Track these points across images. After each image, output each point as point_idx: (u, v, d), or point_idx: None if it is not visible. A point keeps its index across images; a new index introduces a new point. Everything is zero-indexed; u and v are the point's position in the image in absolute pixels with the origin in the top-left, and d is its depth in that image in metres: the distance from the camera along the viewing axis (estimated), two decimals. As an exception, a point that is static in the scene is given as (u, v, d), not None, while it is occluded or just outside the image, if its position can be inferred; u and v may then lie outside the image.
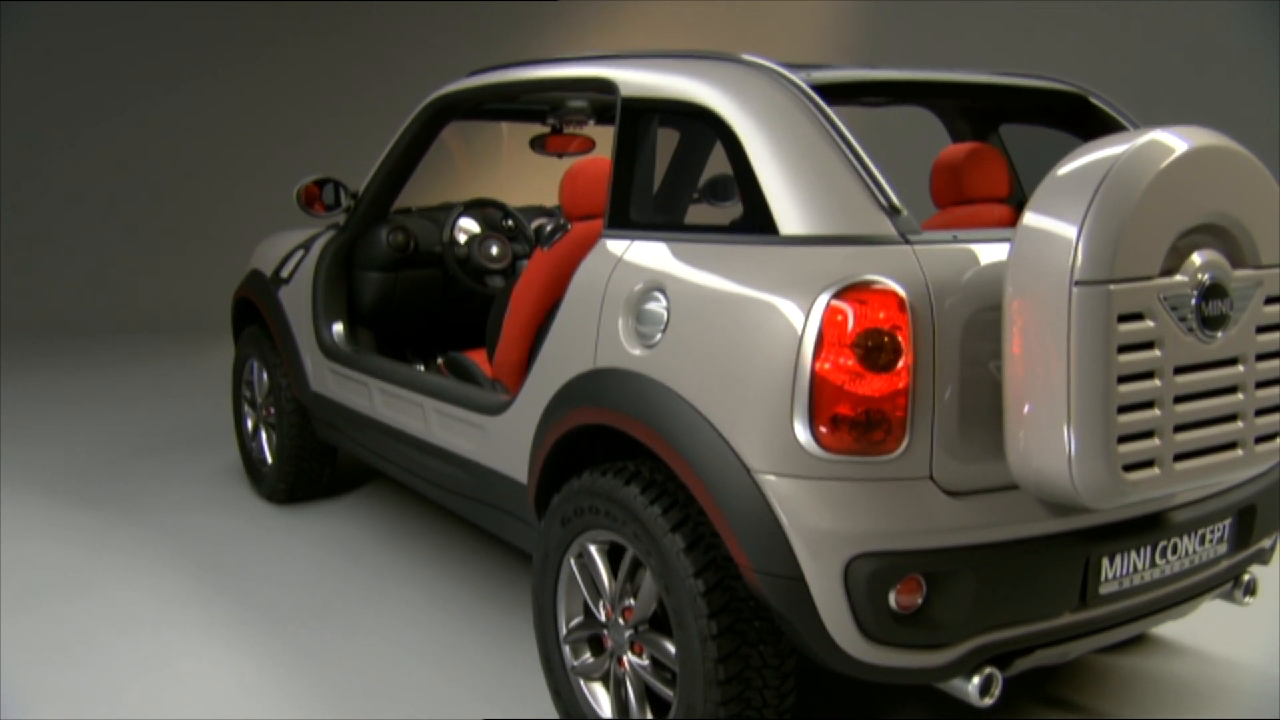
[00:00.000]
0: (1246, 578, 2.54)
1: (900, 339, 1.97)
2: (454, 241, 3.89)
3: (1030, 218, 1.96)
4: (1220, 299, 1.95)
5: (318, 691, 2.86)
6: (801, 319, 2.01)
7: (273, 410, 4.32)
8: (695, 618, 2.13)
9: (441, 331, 4.24)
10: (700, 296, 2.22)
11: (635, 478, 2.29)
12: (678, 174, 2.62)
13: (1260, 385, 2.05)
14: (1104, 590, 2.16)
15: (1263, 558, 2.59)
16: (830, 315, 1.99)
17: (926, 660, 2.04)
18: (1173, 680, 2.90)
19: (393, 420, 3.49)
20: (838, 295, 1.99)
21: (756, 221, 2.21)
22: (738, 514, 2.04)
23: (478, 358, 3.57)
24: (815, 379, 1.98)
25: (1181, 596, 2.36)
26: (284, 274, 4.14)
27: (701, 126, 2.43)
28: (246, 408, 4.57)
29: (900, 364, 1.97)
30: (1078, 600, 2.14)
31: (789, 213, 2.16)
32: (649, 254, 2.40)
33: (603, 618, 2.43)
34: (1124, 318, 1.85)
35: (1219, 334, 1.96)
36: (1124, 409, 1.86)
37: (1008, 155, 3.29)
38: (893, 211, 2.12)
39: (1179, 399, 1.93)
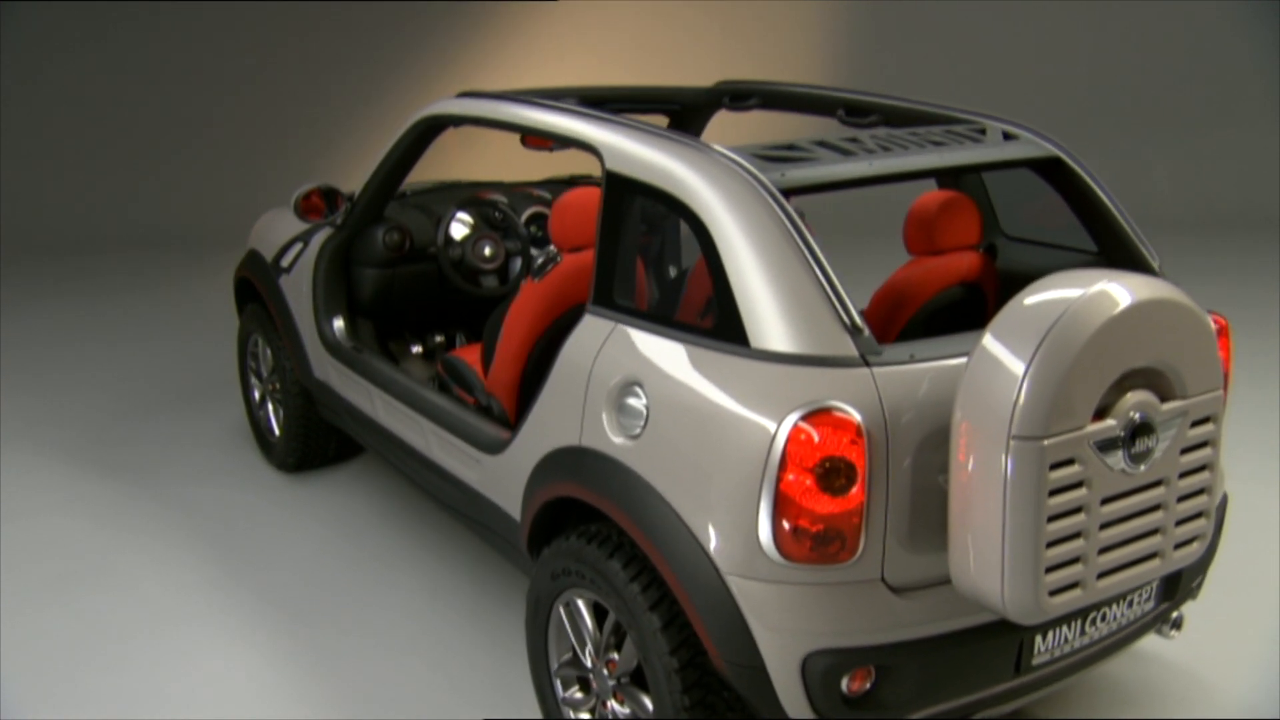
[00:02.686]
0: (1175, 615, 2.80)
1: (856, 465, 2.17)
2: (448, 243, 4.02)
3: (989, 341, 2.13)
4: (1148, 435, 2.14)
5: (322, 693, 3.16)
6: (769, 439, 2.20)
7: (278, 386, 4.53)
8: (670, 690, 2.39)
9: (441, 316, 4.41)
10: (677, 401, 2.40)
11: (618, 551, 2.52)
12: (659, 256, 2.75)
13: (1182, 499, 2.26)
14: (1037, 661, 2.43)
15: (1192, 594, 2.85)
16: (795, 436, 2.18)
17: (875, 734, 2.32)
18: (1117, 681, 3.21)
19: (393, 428, 3.70)
20: (804, 418, 2.18)
21: (729, 327, 2.38)
22: (707, 609, 2.29)
23: (474, 353, 3.76)
24: (779, 495, 2.19)
25: (1112, 649, 2.63)
26: (284, 264, 4.28)
27: (678, 219, 2.56)
28: (253, 379, 4.78)
29: (855, 487, 2.18)
30: (1012, 672, 2.41)
31: (760, 328, 2.32)
32: (631, 345, 2.57)
33: (589, 664, 2.70)
34: (1056, 465, 2.04)
35: (1144, 465, 2.16)
36: (1052, 543, 2.08)
37: (986, 192, 3.41)
38: (854, 331, 2.28)
39: (1105, 525, 2.15)
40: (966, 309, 3.15)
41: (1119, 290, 2.10)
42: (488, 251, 4.04)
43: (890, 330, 3.05)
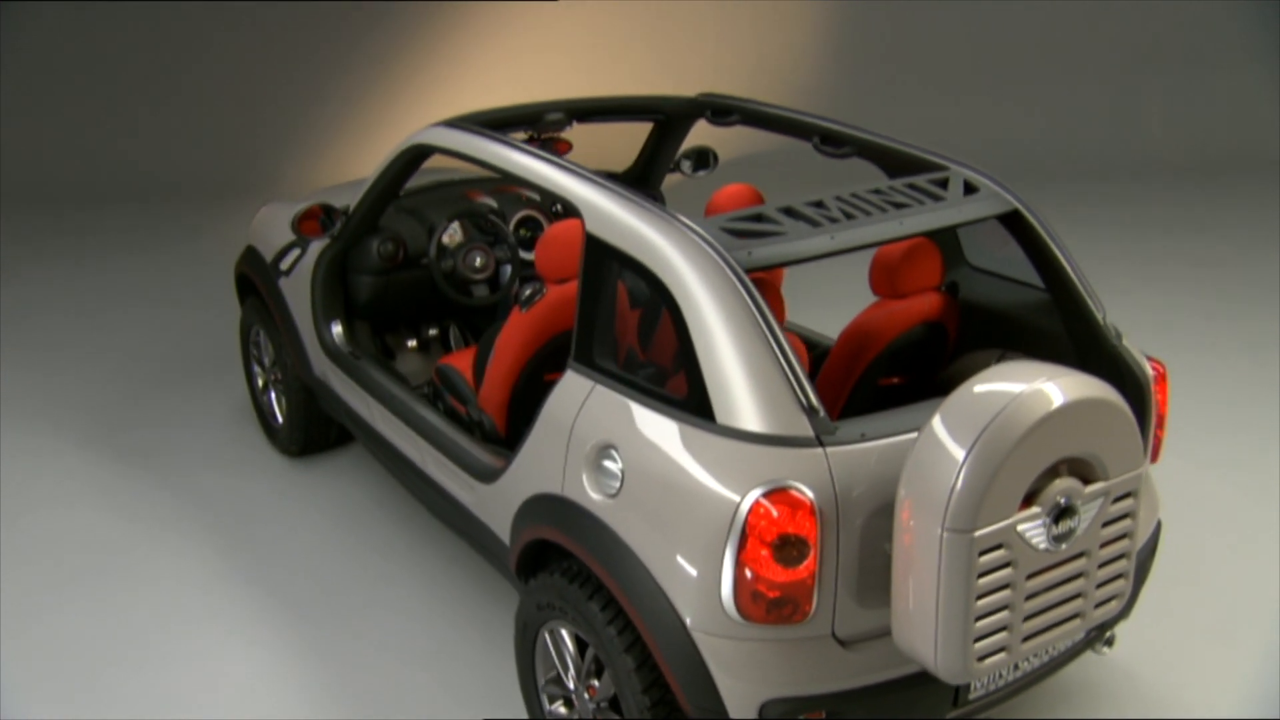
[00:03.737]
0: (1108, 634, 3.08)
1: (809, 540, 2.41)
2: (440, 255, 4.20)
3: (937, 424, 2.35)
4: (1070, 517, 2.37)
5: (324, 692, 3.45)
6: (732, 512, 2.44)
7: (280, 376, 4.75)
8: (643, 724, 2.68)
9: (436, 312, 4.61)
10: (649, 470, 2.63)
11: (597, 593, 2.78)
12: (636, 319, 2.92)
13: (1103, 565, 2.50)
14: (974, 696, 2.71)
15: (1124, 616, 3.12)
16: (755, 510, 2.42)
17: (825, 763, 2.61)
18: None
19: (390, 438, 3.93)
20: (765, 495, 2.41)
21: (697, 401, 2.59)
22: (675, 660, 2.55)
23: (466, 359, 3.97)
24: (739, 565, 2.44)
25: (1048, 673, 2.91)
26: (283, 267, 4.45)
27: (651, 290, 2.74)
28: (255, 366, 4.99)
29: (808, 559, 2.42)
30: (950, 707, 2.69)
31: (726, 406, 2.53)
32: (608, 408, 2.79)
33: (571, 686, 2.99)
34: (985, 551, 2.28)
35: (1066, 543, 2.39)
36: (980, 616, 2.33)
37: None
38: (811, 411, 2.50)
39: (1029, 596, 2.39)
40: (928, 346, 3.37)
41: (1053, 390, 2.30)
42: (478, 262, 4.22)
43: (856, 367, 3.26)
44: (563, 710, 3.07)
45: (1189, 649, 3.64)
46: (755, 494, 2.42)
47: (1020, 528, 2.32)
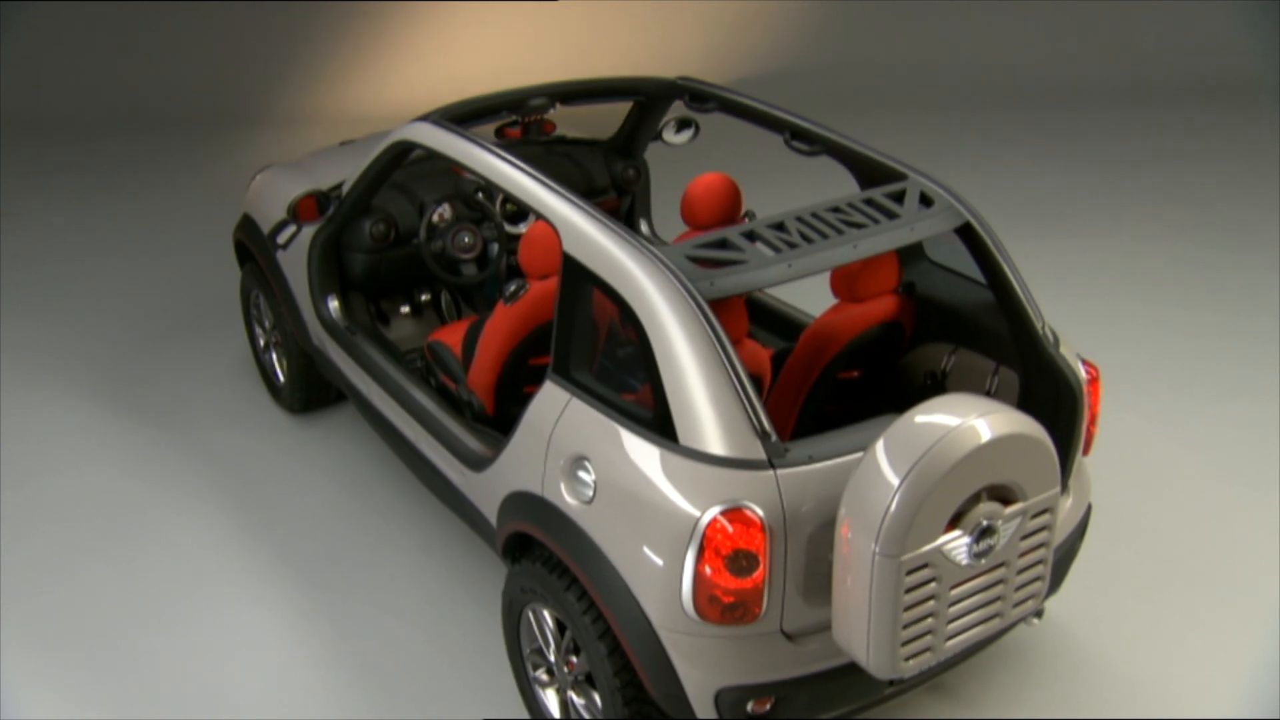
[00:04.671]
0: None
1: (759, 554, 2.71)
2: (430, 236, 4.41)
3: (878, 449, 2.62)
4: (991, 535, 2.66)
5: (328, 654, 3.81)
6: (692, 527, 2.73)
7: (280, 339, 5.00)
8: (613, 701, 3.02)
9: (428, 281, 4.84)
10: (619, 484, 2.91)
11: (573, 585, 3.09)
12: (608, 337, 3.15)
13: (1021, 571, 2.81)
14: (908, 674, 3.04)
15: (1053, 590, 3.45)
16: (712, 526, 2.71)
17: (774, 736, 2.97)
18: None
19: (385, 412, 4.21)
20: (722, 513, 2.71)
21: (662, 421, 2.86)
22: (642, 651, 2.88)
23: (456, 334, 4.23)
24: (697, 575, 2.74)
25: (981, 648, 3.25)
26: (280, 241, 4.66)
27: (621, 314, 2.98)
28: (257, 327, 5.24)
29: (758, 570, 2.73)
30: (886, 686, 3.03)
31: (688, 429, 2.81)
32: (582, 421, 3.06)
33: (552, 659, 3.33)
34: (911, 570, 2.58)
35: (987, 559, 2.69)
36: (907, 624, 2.64)
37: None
38: (764, 436, 2.77)
39: (953, 603, 2.70)
40: (886, 343, 3.63)
41: (982, 426, 2.57)
42: (466, 241, 4.43)
43: (818, 363, 3.53)
44: (545, 676, 3.42)
45: (1119, 607, 3.99)
46: (713, 511, 2.71)
47: (945, 549, 2.61)
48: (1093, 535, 3.69)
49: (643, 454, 2.88)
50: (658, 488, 2.82)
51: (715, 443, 2.78)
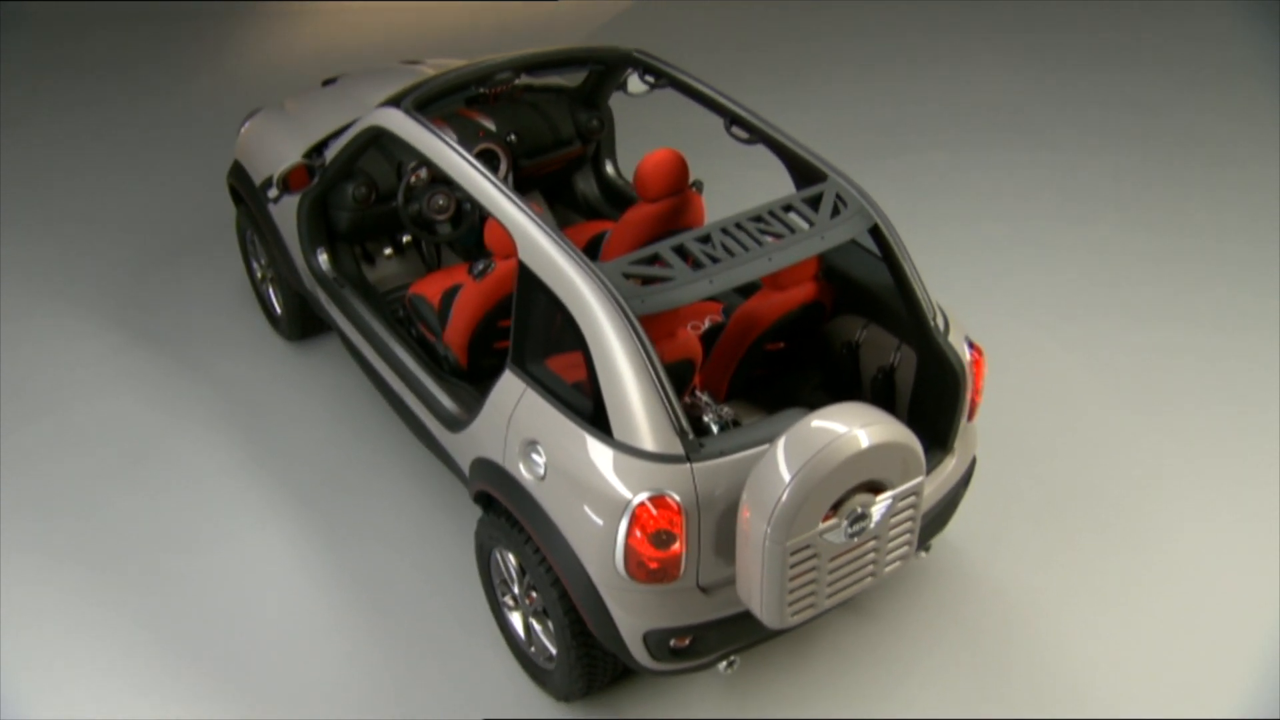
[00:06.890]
0: (927, 543, 4.08)
1: (677, 534, 3.33)
2: (408, 199, 4.85)
3: (779, 446, 3.21)
4: (864, 520, 3.27)
5: (329, 576, 4.49)
6: (624, 507, 3.34)
7: (275, 275, 5.49)
8: (563, 636, 3.70)
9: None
10: (565, 468, 3.50)
11: (529, 541, 3.73)
12: (558, 336, 3.66)
13: (891, 540, 3.43)
14: (794, 625, 3.71)
15: (940, 530, 4.11)
16: (639, 510, 3.32)
17: (693, 664, 3.66)
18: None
19: (371, 360, 4.77)
20: (647, 499, 3.31)
21: (599, 418, 3.43)
22: (585, 602, 3.53)
23: (434, 285, 4.75)
24: (627, 546, 3.37)
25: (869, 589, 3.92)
26: (271, 195, 5.10)
27: (566, 322, 3.50)
28: (254, 261, 5.73)
29: (676, 544, 3.35)
30: (785, 623, 3.71)
31: (621, 425, 3.38)
32: (534, 411, 3.62)
33: (516, 592, 4.00)
34: (795, 551, 3.20)
35: (859, 536, 3.31)
36: (792, 590, 3.28)
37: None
38: (683, 434, 3.35)
39: (831, 571, 3.34)
40: (807, 320, 4.16)
41: (862, 435, 3.15)
42: (440, 203, 4.88)
43: (746, 340, 4.08)
44: (511, 603, 4.11)
45: (1009, 528, 4.66)
46: (641, 497, 3.31)
47: (824, 535, 3.23)
48: (994, 462, 4.32)
49: (584, 445, 3.46)
50: (598, 473, 3.41)
51: (643, 439, 3.35)
